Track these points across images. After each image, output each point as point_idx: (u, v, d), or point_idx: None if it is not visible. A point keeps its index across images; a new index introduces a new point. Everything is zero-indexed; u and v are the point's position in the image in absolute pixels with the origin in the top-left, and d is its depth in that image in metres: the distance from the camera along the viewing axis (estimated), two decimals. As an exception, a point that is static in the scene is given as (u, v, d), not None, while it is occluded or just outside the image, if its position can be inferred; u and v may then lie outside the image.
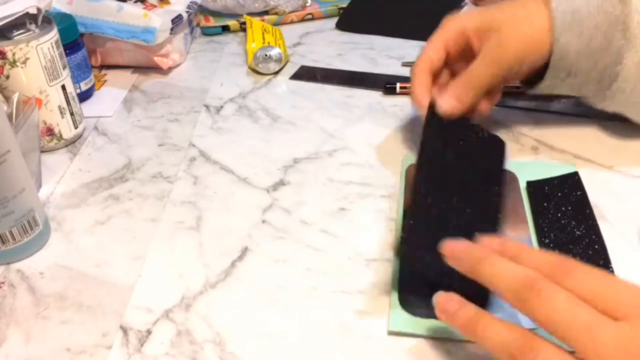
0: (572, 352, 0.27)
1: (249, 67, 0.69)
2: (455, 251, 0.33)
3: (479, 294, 0.33)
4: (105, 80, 0.68)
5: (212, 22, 0.80)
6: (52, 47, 0.52)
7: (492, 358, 0.29)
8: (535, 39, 0.45)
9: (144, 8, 0.67)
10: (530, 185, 0.46)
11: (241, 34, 0.80)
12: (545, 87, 0.48)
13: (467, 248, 0.33)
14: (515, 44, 0.45)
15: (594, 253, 0.39)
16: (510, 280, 0.29)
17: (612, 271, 0.38)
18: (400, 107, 0.60)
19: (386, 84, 0.62)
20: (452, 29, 0.49)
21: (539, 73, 0.48)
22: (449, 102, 0.47)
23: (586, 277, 0.29)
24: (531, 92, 0.50)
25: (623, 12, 0.44)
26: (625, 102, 0.48)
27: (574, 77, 0.47)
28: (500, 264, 0.31)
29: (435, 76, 0.50)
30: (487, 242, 0.33)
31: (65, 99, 0.54)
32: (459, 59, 0.49)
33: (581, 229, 0.41)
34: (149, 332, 0.36)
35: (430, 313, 0.34)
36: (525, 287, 0.28)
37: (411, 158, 0.50)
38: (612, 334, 0.26)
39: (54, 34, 0.52)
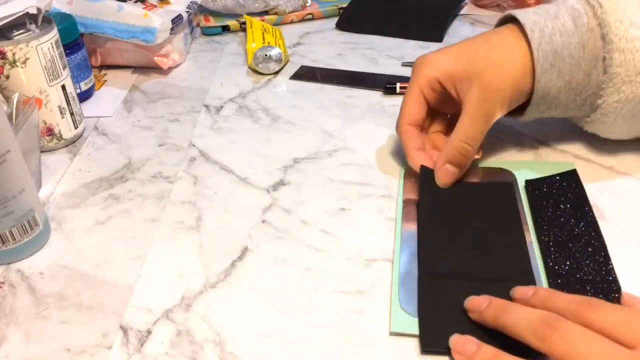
0: None
1: (249, 67, 0.69)
2: (477, 304, 0.35)
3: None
4: (105, 80, 0.68)
5: (212, 22, 0.80)
6: (52, 47, 0.52)
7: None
8: (517, 83, 0.44)
9: (144, 8, 0.67)
10: (529, 184, 0.46)
11: (241, 34, 0.80)
12: (525, 119, 0.48)
13: (489, 300, 0.34)
14: (500, 92, 0.44)
15: (594, 250, 0.39)
16: (529, 321, 0.31)
17: (612, 268, 0.38)
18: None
19: (386, 84, 0.62)
20: (425, 78, 0.46)
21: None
22: (448, 173, 0.45)
23: (604, 311, 0.30)
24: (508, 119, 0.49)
25: (604, 49, 0.43)
26: (605, 131, 0.48)
27: (554, 109, 0.47)
28: (520, 309, 0.32)
29: (423, 126, 0.49)
30: (520, 291, 0.35)
31: (65, 99, 0.54)
32: (442, 101, 0.48)
33: (580, 226, 0.41)
34: (149, 332, 0.36)
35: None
36: (543, 324, 0.30)
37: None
38: None
39: (54, 34, 0.52)
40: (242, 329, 0.36)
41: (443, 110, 0.49)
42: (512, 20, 0.47)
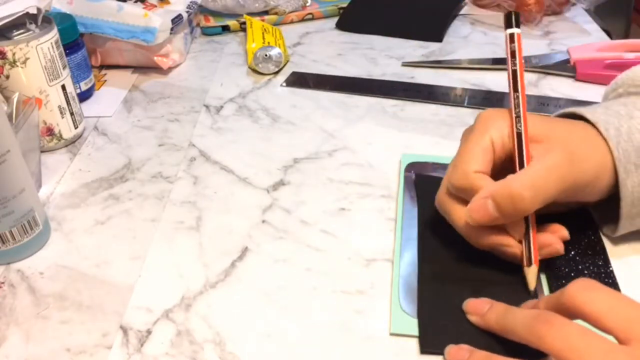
0: None
1: (249, 67, 0.69)
2: (479, 308, 0.35)
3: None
4: (105, 80, 0.68)
5: (212, 22, 0.80)
6: (52, 47, 0.52)
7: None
8: (600, 166, 0.37)
9: (144, 8, 0.67)
10: None
11: (241, 34, 0.80)
12: (618, 234, 0.40)
13: (490, 304, 0.35)
14: (587, 161, 0.37)
15: (594, 254, 0.39)
16: (525, 320, 0.31)
17: (612, 271, 0.38)
18: (400, 107, 0.60)
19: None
20: (498, 130, 0.38)
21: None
22: (484, 208, 0.36)
23: (596, 296, 0.30)
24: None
25: None
26: None
27: None
28: (518, 310, 0.33)
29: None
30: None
31: (65, 99, 0.54)
32: (503, 164, 0.39)
33: (580, 229, 0.41)
34: (149, 332, 0.36)
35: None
36: (538, 322, 0.30)
37: (410, 157, 0.50)
38: (626, 358, 0.28)
39: (54, 34, 0.52)
40: (242, 329, 0.36)
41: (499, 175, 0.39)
42: (573, 117, 0.41)
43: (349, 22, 0.80)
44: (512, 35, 0.39)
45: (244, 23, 0.79)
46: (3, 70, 0.50)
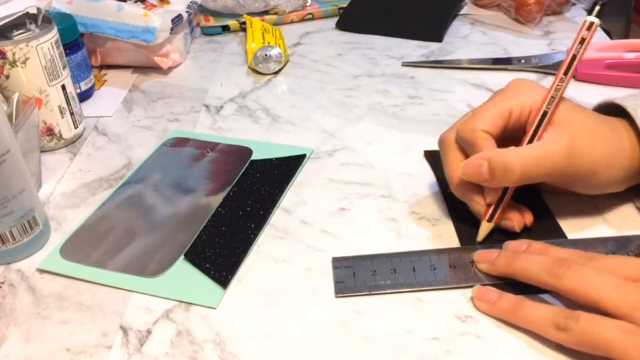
0: None
1: (249, 67, 0.69)
2: (487, 256, 0.38)
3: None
4: (105, 80, 0.68)
5: (212, 22, 0.80)
6: (52, 47, 0.52)
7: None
8: (604, 158, 0.39)
9: (144, 8, 0.67)
10: (253, 163, 0.51)
11: (241, 34, 0.80)
12: None
13: (499, 251, 0.38)
14: (583, 156, 0.38)
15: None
16: (543, 264, 0.34)
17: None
18: (400, 107, 0.60)
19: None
20: (519, 101, 0.40)
21: None
22: (478, 167, 0.38)
23: (606, 259, 0.34)
24: None
25: None
26: None
27: None
28: (533, 256, 0.36)
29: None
30: (514, 245, 0.39)
31: (65, 98, 0.54)
32: (513, 134, 0.41)
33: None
34: (149, 332, 0.36)
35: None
36: (556, 265, 0.34)
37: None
38: (637, 290, 0.31)
39: (54, 34, 0.52)
40: (242, 329, 0.36)
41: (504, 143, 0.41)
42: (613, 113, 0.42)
43: (349, 22, 0.80)
44: (591, 24, 0.39)
45: (244, 23, 0.79)
46: (3, 70, 0.50)
